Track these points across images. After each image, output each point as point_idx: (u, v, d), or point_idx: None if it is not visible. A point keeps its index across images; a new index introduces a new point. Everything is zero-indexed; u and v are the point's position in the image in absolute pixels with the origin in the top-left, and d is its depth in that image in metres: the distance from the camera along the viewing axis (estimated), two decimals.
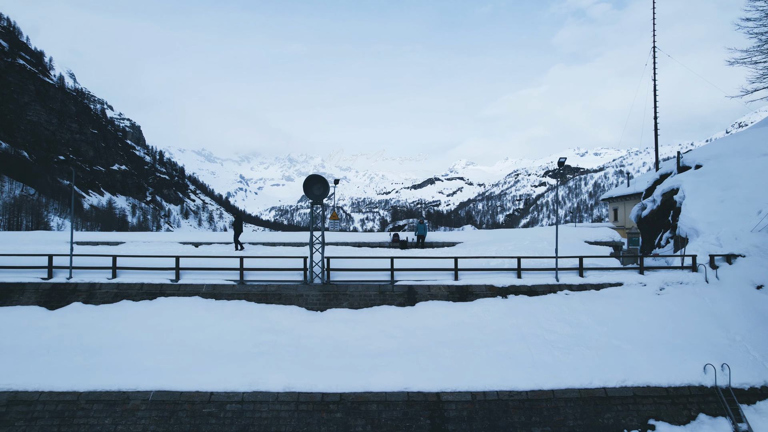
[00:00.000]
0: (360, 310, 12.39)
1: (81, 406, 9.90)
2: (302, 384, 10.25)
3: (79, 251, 15.10)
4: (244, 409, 9.93)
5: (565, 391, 10.22)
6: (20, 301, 12.56)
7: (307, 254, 14.73)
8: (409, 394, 10.15)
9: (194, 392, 10.09)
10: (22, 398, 9.94)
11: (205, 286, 12.74)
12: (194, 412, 9.89)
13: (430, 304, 12.56)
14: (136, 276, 13.19)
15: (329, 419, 9.88)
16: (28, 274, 13.31)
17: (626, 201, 36.71)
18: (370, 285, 12.84)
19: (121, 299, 12.56)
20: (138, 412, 9.87)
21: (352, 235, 21.33)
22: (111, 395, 10.02)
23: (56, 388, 10.09)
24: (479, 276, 13.42)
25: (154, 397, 10.01)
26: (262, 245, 18.58)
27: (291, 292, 12.71)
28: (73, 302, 12.48)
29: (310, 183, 12.73)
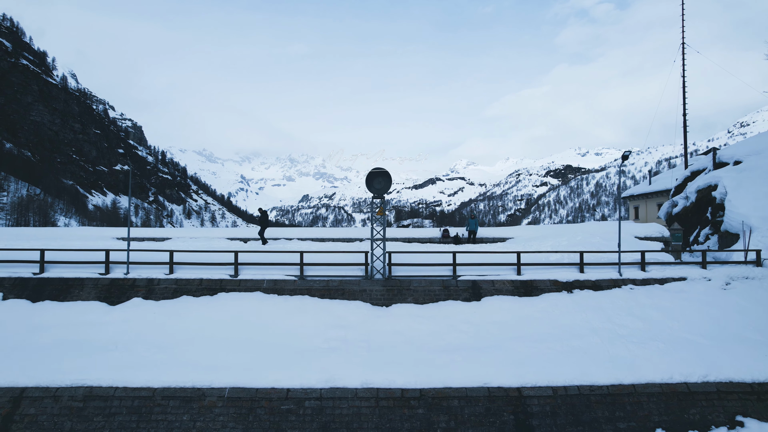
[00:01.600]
0: (425, 306, 12.23)
1: (157, 402, 9.72)
2: (380, 380, 10.08)
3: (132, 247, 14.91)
4: (324, 405, 9.75)
5: (646, 386, 10.07)
6: (80, 296, 12.37)
7: (352, 249, 14.56)
8: (490, 390, 9.98)
9: (270, 389, 9.92)
10: (97, 393, 9.76)
11: (266, 281, 12.56)
12: (272, 409, 9.71)
13: (496, 299, 12.40)
14: (193, 271, 13.01)
15: (411, 415, 9.71)
16: (85, 269, 13.13)
17: (648, 199, 36.56)
18: (433, 280, 12.67)
19: (181, 295, 12.38)
20: (215, 408, 9.70)
21: (398, 230, 21.05)
22: (186, 392, 9.84)
23: (130, 384, 9.91)
24: (541, 271, 13.26)
25: (230, 393, 9.83)
26: (285, 240, 18.30)
27: (354, 287, 12.54)
28: (133, 297, 12.30)
29: (373, 176, 12.55)
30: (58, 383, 9.92)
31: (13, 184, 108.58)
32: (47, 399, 9.72)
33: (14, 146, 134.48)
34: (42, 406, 9.64)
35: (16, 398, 9.71)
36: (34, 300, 12.26)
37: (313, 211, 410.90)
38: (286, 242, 17.31)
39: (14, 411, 9.57)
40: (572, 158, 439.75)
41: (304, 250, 13.67)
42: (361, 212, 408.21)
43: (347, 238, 18.32)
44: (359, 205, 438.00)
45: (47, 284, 12.57)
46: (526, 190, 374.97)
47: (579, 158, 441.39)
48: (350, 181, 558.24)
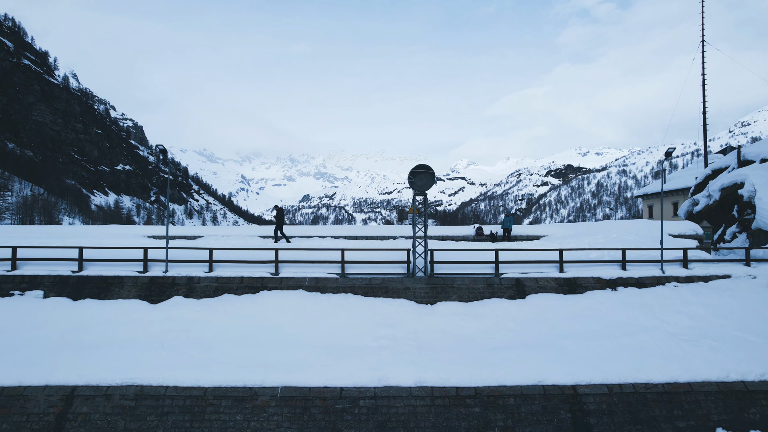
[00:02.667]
0: (470, 303, 12.12)
1: (209, 402, 9.60)
2: (433, 378, 9.96)
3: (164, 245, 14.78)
4: (379, 404, 9.63)
5: (702, 384, 9.95)
6: (121, 294, 12.25)
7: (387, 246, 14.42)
8: (545, 387, 9.87)
9: (323, 388, 9.79)
10: (148, 392, 9.63)
11: (307, 279, 12.44)
12: (327, 408, 9.59)
13: (541, 296, 12.29)
14: (233, 269, 12.88)
15: (468, 414, 9.59)
16: (123, 267, 13.00)
17: (663, 197, 36.49)
18: (476, 278, 12.56)
19: (222, 293, 12.26)
20: (268, 408, 9.57)
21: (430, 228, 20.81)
22: (237, 391, 9.72)
23: (180, 383, 9.78)
24: (583, 268, 13.16)
25: (283, 393, 9.70)
26: (298, 238, 18.15)
27: (397, 285, 12.42)
28: (173, 296, 12.17)
29: (415, 173, 12.43)
30: (108, 382, 9.79)
31: (16, 183, 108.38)
32: (99, 398, 9.60)
33: (16, 146, 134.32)
34: (94, 405, 9.52)
35: (68, 396, 9.59)
36: (75, 298, 12.13)
37: (314, 211, 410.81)
38: (320, 240, 17.21)
39: (67, 409, 9.45)
40: (573, 158, 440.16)
41: (346, 247, 13.54)
42: (361, 212, 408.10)
43: (380, 236, 18.18)
44: (360, 205, 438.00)
45: (87, 282, 12.43)
46: (526, 189, 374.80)
47: (580, 158, 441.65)
48: (351, 181, 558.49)
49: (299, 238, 17.73)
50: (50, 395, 9.61)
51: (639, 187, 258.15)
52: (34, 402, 9.53)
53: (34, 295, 12.16)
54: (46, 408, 9.48)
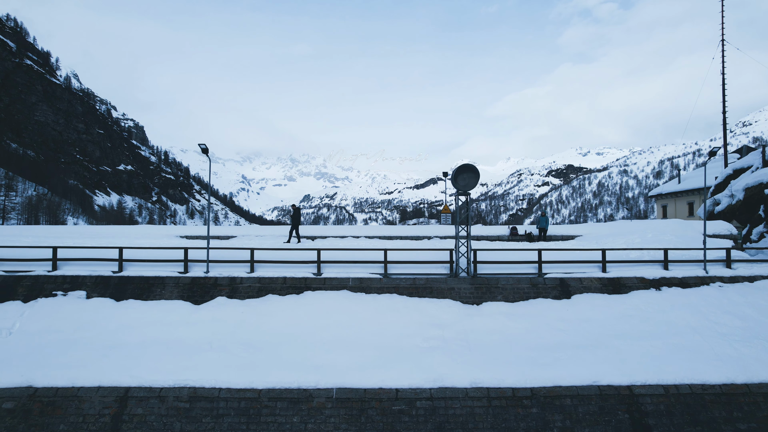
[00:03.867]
0: (517, 303, 12.04)
1: (264, 404, 9.51)
2: (488, 379, 9.88)
3: (198, 245, 14.70)
4: (436, 405, 9.55)
5: (761, 386, 9.87)
6: (163, 295, 12.15)
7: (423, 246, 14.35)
8: (600, 388, 9.79)
9: (378, 389, 9.71)
10: (202, 394, 9.54)
11: (351, 279, 12.34)
12: (384, 410, 9.50)
13: (586, 296, 12.21)
14: (275, 270, 12.79)
15: (526, 414, 9.52)
16: (163, 267, 12.90)
17: (677, 198, 36.42)
18: (521, 278, 12.48)
19: (266, 293, 12.16)
20: (325, 410, 9.49)
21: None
22: (292, 393, 9.63)
23: (234, 385, 9.70)
24: (625, 268, 13.09)
25: (338, 394, 9.62)
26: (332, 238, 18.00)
27: (441, 285, 12.34)
28: (216, 297, 12.08)
29: (458, 172, 12.33)
30: (161, 383, 9.71)
31: (20, 184, 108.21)
32: (153, 399, 9.51)
33: (19, 146, 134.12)
34: (149, 407, 9.43)
35: (122, 398, 9.50)
36: (117, 299, 12.03)
37: (315, 211, 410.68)
38: (353, 240, 17.11)
39: (122, 411, 9.36)
40: (573, 158, 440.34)
41: (388, 247, 13.44)
42: (362, 212, 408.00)
43: (415, 236, 18.08)
44: (361, 205, 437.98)
45: (128, 283, 12.33)
46: (527, 189, 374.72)
47: (580, 158, 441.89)
48: (351, 181, 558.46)
49: (333, 238, 17.65)
50: (104, 396, 9.52)
51: (640, 187, 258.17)
52: (89, 403, 9.44)
53: (77, 295, 12.06)
54: (101, 409, 9.39)
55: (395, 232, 18.57)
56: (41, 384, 9.65)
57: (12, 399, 9.45)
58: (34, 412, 9.34)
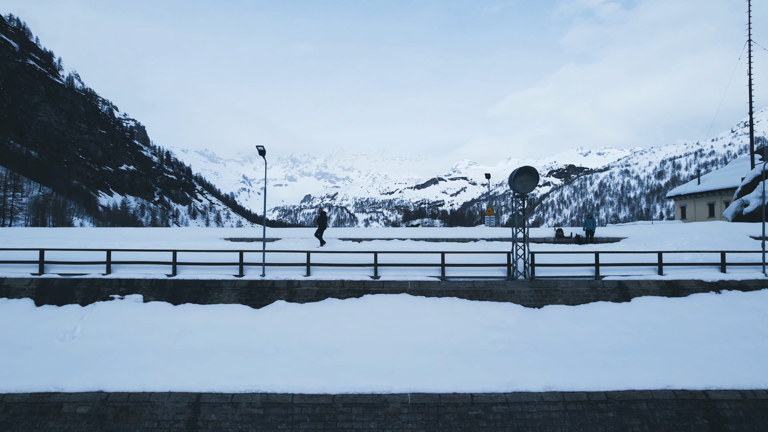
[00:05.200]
0: (577, 307, 11.96)
1: (339, 410, 9.41)
2: (562, 383, 9.78)
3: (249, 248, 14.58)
4: (512, 410, 9.46)
5: None
6: (221, 299, 12.04)
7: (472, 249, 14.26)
8: (675, 392, 9.70)
9: (453, 394, 9.61)
10: (275, 400, 9.44)
11: (409, 282, 12.24)
12: (461, 415, 9.41)
13: (645, 299, 12.13)
14: (331, 273, 12.67)
15: (603, 419, 9.42)
16: (217, 270, 12.79)
17: (697, 198, 36.38)
18: (579, 281, 12.40)
19: (325, 297, 12.05)
20: (401, 415, 9.38)
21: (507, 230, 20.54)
22: (366, 398, 9.53)
23: (306, 390, 9.59)
24: (682, 271, 13.02)
25: (413, 399, 9.52)
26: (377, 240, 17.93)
27: (501, 288, 12.25)
28: (275, 300, 11.97)
29: (517, 174, 12.24)
30: (232, 389, 9.59)
31: (25, 184, 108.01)
32: (225, 405, 9.41)
33: (22, 146, 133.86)
34: (222, 413, 9.32)
35: (194, 404, 9.39)
36: (175, 302, 11.91)
37: (316, 211, 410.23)
38: (400, 242, 17.02)
39: (196, 417, 9.25)
40: (574, 158, 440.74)
41: (445, 250, 13.34)
42: (363, 212, 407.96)
43: (461, 238, 18.00)
44: (362, 205, 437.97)
45: (184, 286, 12.21)
46: None
47: (581, 158, 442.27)
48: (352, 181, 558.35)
49: (378, 240, 17.55)
50: (176, 402, 9.42)
51: (642, 188, 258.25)
52: (162, 409, 9.34)
53: (134, 299, 11.95)
54: (175, 415, 9.28)
55: (440, 234, 18.44)
56: (112, 389, 9.55)
57: (85, 404, 9.36)
58: (108, 417, 9.23)
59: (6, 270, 12.71)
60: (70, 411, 9.30)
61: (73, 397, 9.43)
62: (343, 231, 19.80)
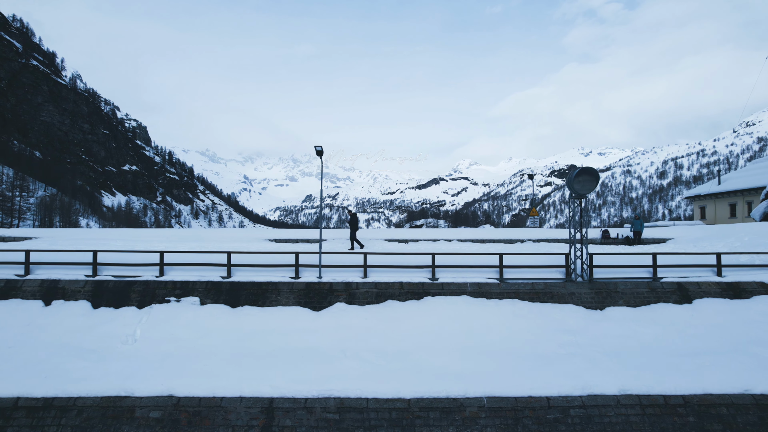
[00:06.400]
0: (639, 308, 11.82)
1: (416, 414, 9.26)
2: (636, 386, 9.63)
3: (296, 249, 14.41)
4: (590, 413, 9.32)
5: None
6: (279, 301, 11.89)
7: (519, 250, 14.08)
8: (755, 397, 9.55)
9: (528, 397, 9.47)
10: (349, 405, 9.28)
11: (469, 284, 12.11)
12: (539, 418, 9.27)
13: (707, 301, 12.00)
14: (388, 274, 12.52)
15: (683, 423, 9.28)
16: (271, 272, 12.64)
17: (717, 199, 36.25)
18: (638, 282, 12.27)
19: (385, 299, 11.91)
20: (479, 419, 9.24)
21: (552, 231, 20.48)
22: (442, 402, 9.38)
23: (380, 395, 9.43)
24: (742, 272, 12.89)
25: (489, 403, 9.37)
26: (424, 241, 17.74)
27: (561, 290, 12.12)
28: (335, 302, 11.82)
29: (577, 175, 12.12)
30: (305, 394, 9.44)
31: (30, 184, 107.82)
32: (299, 410, 9.26)
33: (25, 146, 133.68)
34: (297, 418, 9.17)
35: (267, 409, 9.24)
36: (233, 305, 11.76)
37: (317, 211, 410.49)
38: (446, 243, 16.89)
39: (270, 422, 9.11)
40: (575, 158, 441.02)
41: (505, 252, 13.21)
42: (365, 212, 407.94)
43: (507, 239, 17.85)
44: (363, 205, 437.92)
45: (241, 289, 12.07)
46: (530, 190, 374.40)
47: (582, 158, 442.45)
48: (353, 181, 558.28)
49: (425, 241, 17.42)
50: (249, 407, 9.26)
51: (644, 188, 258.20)
52: (235, 414, 9.19)
53: (191, 301, 11.80)
54: (249, 420, 9.14)
55: (485, 235, 18.33)
56: (182, 393, 9.39)
57: (157, 408, 9.21)
58: (182, 422, 9.09)
59: (60, 272, 12.56)
60: (143, 415, 9.16)
61: (144, 402, 9.28)
62: (387, 232, 19.66)
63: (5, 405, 9.14)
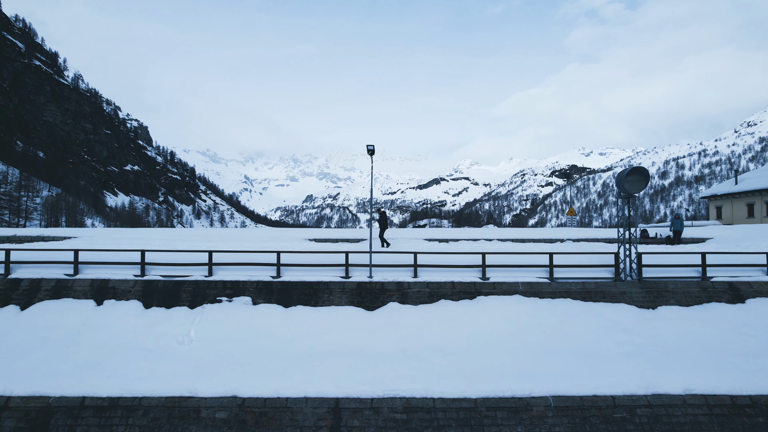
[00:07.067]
0: (691, 308, 11.78)
1: (484, 414, 9.22)
2: (701, 385, 9.58)
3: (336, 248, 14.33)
4: (656, 413, 9.27)
5: None
6: (332, 301, 11.83)
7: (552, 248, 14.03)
8: None
9: (594, 396, 9.43)
10: (416, 405, 9.22)
11: (520, 283, 12.07)
12: (605, 418, 9.23)
13: (761, 301, 11.94)
14: (438, 274, 12.47)
15: (752, 424, 9.24)
16: (320, 272, 12.58)
17: (734, 199, 36.24)
18: (688, 282, 12.24)
19: (438, 299, 11.86)
20: (547, 419, 9.20)
21: (590, 231, 20.40)
22: (508, 401, 9.34)
23: (446, 395, 9.40)
24: None
25: (555, 402, 9.34)
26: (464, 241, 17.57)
27: (612, 289, 12.08)
28: (388, 302, 11.77)
29: (627, 175, 12.08)
30: (370, 394, 9.40)
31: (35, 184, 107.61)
32: (366, 410, 9.21)
33: (28, 146, 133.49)
34: (365, 418, 9.13)
35: (333, 409, 9.19)
36: (285, 305, 11.70)
37: (318, 212, 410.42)
38: (486, 242, 16.85)
39: (338, 423, 9.06)
40: (576, 158, 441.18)
41: (554, 251, 13.17)
42: (365, 212, 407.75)
43: (547, 239, 17.83)
44: (364, 205, 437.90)
45: (292, 288, 12.00)
46: (531, 190, 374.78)
47: (583, 158, 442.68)
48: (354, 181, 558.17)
49: (464, 241, 17.37)
50: (315, 407, 9.22)
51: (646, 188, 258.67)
52: (302, 415, 9.14)
53: (243, 301, 11.74)
54: (316, 421, 9.09)
55: (526, 234, 18.28)
56: (246, 394, 9.34)
57: (223, 409, 9.16)
58: (249, 423, 9.03)
59: (107, 271, 12.50)
60: (209, 416, 9.11)
61: (209, 402, 9.23)
62: (426, 232, 19.61)
63: (72, 404, 9.10)
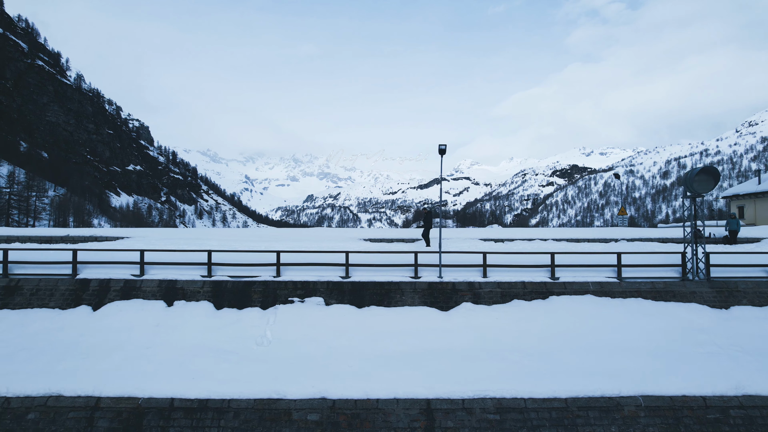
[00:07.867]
0: (765, 308, 11.77)
1: (576, 414, 9.16)
2: None
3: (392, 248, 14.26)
4: (751, 414, 9.20)
5: None
6: (404, 301, 11.75)
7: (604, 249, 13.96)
8: None
9: (683, 396, 9.38)
10: (507, 405, 9.14)
11: (591, 283, 12.02)
12: (699, 418, 9.18)
13: None
14: (507, 274, 12.41)
15: None
16: (388, 272, 12.51)
17: (757, 198, 36.25)
18: (759, 282, 12.21)
19: (510, 299, 11.81)
20: (639, 419, 9.15)
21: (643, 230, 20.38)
22: (598, 401, 9.27)
23: (536, 395, 9.33)
24: None
25: (645, 402, 9.29)
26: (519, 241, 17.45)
27: (682, 289, 12.05)
28: (461, 302, 11.71)
29: (696, 174, 12.03)
30: (460, 394, 9.31)
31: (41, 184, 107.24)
32: (459, 411, 9.15)
33: (32, 146, 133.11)
34: (458, 419, 9.06)
35: (425, 410, 9.12)
36: (358, 305, 11.63)
37: (319, 212, 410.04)
38: (541, 243, 16.80)
39: (432, 424, 8.99)
40: (577, 158, 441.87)
41: (622, 251, 13.13)
42: (366, 212, 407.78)
43: (602, 239, 17.79)
44: (364, 205, 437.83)
45: (363, 288, 11.93)
46: (532, 190, 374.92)
47: (584, 158, 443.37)
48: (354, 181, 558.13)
49: (519, 240, 17.33)
50: (407, 409, 9.14)
51: (647, 188, 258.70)
52: (395, 416, 9.07)
53: (315, 302, 11.66)
54: (410, 422, 9.02)
55: (579, 234, 18.25)
56: (335, 396, 9.26)
57: (314, 410, 9.08)
58: (342, 425, 8.96)
59: (172, 272, 12.40)
60: (300, 418, 9.03)
61: (299, 404, 9.15)
62: (480, 232, 19.56)
63: (162, 405, 9.01)
